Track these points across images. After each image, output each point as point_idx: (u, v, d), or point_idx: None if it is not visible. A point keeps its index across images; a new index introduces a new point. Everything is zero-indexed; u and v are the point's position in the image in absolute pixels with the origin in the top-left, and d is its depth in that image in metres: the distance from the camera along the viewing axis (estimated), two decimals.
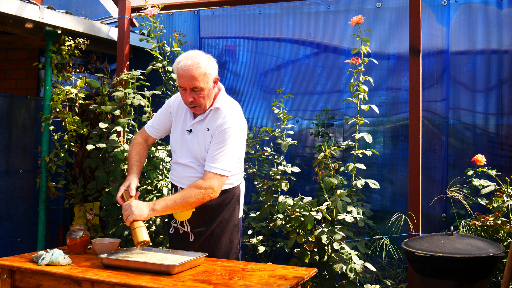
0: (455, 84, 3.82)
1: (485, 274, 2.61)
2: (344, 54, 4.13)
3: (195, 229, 2.56)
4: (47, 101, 3.93)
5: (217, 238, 2.56)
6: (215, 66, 2.51)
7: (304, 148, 4.21)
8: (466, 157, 3.72)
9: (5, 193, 4.15)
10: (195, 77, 2.40)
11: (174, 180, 2.66)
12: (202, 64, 2.42)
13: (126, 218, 2.36)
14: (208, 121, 2.53)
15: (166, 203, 2.40)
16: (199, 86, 2.42)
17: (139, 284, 1.98)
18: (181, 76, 2.43)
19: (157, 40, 3.81)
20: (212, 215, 2.55)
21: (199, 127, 2.55)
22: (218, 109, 2.53)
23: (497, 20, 3.74)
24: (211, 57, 2.52)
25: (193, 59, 2.42)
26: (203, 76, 2.42)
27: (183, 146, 2.59)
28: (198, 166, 2.54)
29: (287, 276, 2.12)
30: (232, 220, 2.61)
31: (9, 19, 3.66)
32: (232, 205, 2.61)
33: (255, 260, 3.68)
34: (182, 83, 2.44)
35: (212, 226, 2.55)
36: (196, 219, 2.55)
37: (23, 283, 2.29)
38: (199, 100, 2.46)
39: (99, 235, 3.76)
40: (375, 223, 3.55)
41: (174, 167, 2.66)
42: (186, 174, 2.58)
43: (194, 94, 2.44)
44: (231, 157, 2.48)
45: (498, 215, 2.96)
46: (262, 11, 4.42)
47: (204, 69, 2.42)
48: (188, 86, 2.43)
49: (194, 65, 2.41)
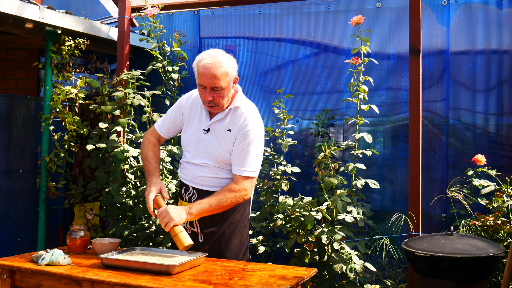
0: (455, 84, 3.82)
1: (485, 274, 2.61)
2: (344, 54, 4.13)
3: (205, 230, 2.55)
4: (47, 101, 3.93)
5: (228, 239, 2.55)
6: (235, 66, 2.49)
7: (304, 148, 4.21)
8: (466, 157, 3.72)
9: (5, 193, 4.15)
10: (216, 76, 2.38)
11: (185, 179, 2.63)
12: (224, 64, 2.40)
13: (166, 224, 2.33)
14: (229, 121, 2.51)
15: (202, 207, 2.41)
16: (220, 85, 2.39)
17: (139, 284, 1.98)
18: (202, 74, 2.40)
19: (157, 40, 3.81)
20: (224, 216, 2.54)
21: (218, 126, 2.52)
22: (237, 108, 2.52)
23: (497, 20, 3.74)
24: (232, 57, 2.50)
25: (215, 58, 2.40)
26: (225, 75, 2.40)
27: (199, 145, 2.55)
28: (214, 167, 2.53)
29: (287, 276, 2.12)
30: (243, 221, 2.60)
31: (9, 19, 3.66)
32: (243, 206, 2.60)
33: (255, 260, 3.68)
34: (203, 82, 2.41)
35: (223, 227, 2.55)
36: (207, 219, 2.53)
37: (23, 283, 2.29)
38: (218, 100, 2.44)
39: (99, 235, 3.76)
40: (375, 223, 3.54)
41: (187, 166, 2.62)
42: (199, 173, 2.56)
43: (214, 93, 2.42)
44: (257, 157, 2.51)
45: (498, 215, 2.96)
46: (262, 11, 4.42)
47: (225, 69, 2.40)
48: (209, 84, 2.40)
49: (217, 63, 2.38)
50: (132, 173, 3.58)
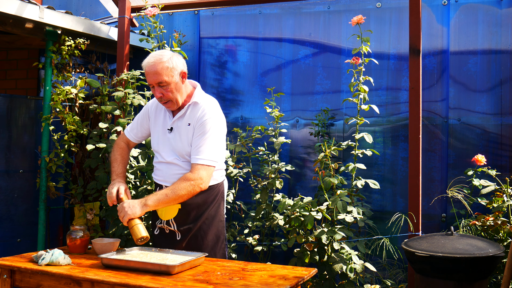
0: (455, 84, 3.82)
1: (485, 274, 2.61)
2: (344, 54, 4.13)
3: (181, 227, 2.60)
4: (47, 101, 3.93)
5: (204, 235, 2.59)
6: (181, 61, 2.59)
7: (304, 148, 4.21)
8: (466, 157, 3.72)
9: (5, 193, 4.15)
10: (158, 72, 2.50)
11: (159, 179, 2.69)
12: (164, 59, 2.52)
13: (122, 219, 2.44)
14: (188, 116, 2.60)
15: (158, 197, 2.46)
16: (164, 80, 2.50)
17: (139, 284, 1.98)
18: (147, 73, 2.54)
19: (157, 40, 3.81)
20: (198, 212, 2.59)
21: (180, 123, 2.61)
22: (196, 104, 2.60)
23: (497, 20, 3.74)
24: (177, 54, 2.62)
25: (156, 57, 2.54)
26: (166, 70, 2.51)
27: (165, 145, 2.64)
28: (182, 163, 2.59)
29: (287, 276, 2.12)
30: (218, 216, 2.65)
31: (9, 19, 3.66)
32: (217, 201, 2.65)
33: (254, 259, 3.68)
34: (149, 80, 2.54)
35: (198, 223, 2.59)
36: (182, 217, 2.58)
37: (23, 283, 2.29)
38: (167, 95, 2.54)
39: (99, 235, 3.76)
40: (375, 223, 3.54)
41: (158, 167, 2.70)
42: (171, 172, 2.61)
43: (161, 89, 2.53)
44: (215, 146, 2.55)
45: (498, 215, 2.96)
46: (262, 11, 4.41)
47: (166, 63, 2.51)
48: (154, 81, 2.52)
49: (157, 61, 2.51)
50: (132, 173, 3.58)
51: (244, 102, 4.40)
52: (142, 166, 3.53)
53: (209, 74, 4.53)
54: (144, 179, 3.55)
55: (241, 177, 3.79)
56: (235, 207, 3.86)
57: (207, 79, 4.54)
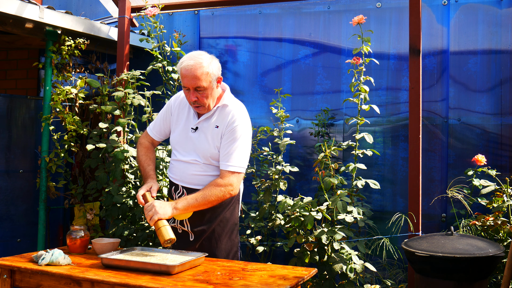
0: (455, 84, 3.82)
1: (485, 274, 2.61)
2: (344, 54, 4.13)
3: (195, 228, 2.57)
4: (47, 101, 3.93)
5: (218, 237, 2.57)
6: (218, 66, 2.54)
7: (304, 148, 4.21)
8: (466, 157, 3.72)
9: (5, 193, 4.15)
10: (197, 77, 2.44)
11: (175, 178, 2.65)
12: (205, 64, 2.45)
13: (150, 218, 2.38)
14: (216, 118, 2.56)
15: (188, 202, 2.44)
16: (202, 85, 2.45)
17: (139, 284, 1.98)
18: (184, 76, 2.46)
19: (157, 40, 3.81)
20: (213, 214, 2.56)
21: (206, 124, 2.56)
22: (225, 106, 2.56)
23: (497, 20, 3.74)
24: (214, 57, 2.55)
25: (195, 59, 2.46)
26: (206, 75, 2.45)
27: (187, 144, 2.59)
28: (203, 164, 2.55)
29: (287, 276, 2.12)
30: (233, 219, 2.62)
31: (9, 19, 3.66)
32: (232, 204, 2.62)
33: (255, 260, 3.68)
34: (186, 83, 2.47)
35: (213, 225, 2.56)
36: (196, 218, 2.55)
37: (23, 283, 2.29)
38: (202, 100, 2.49)
39: (99, 235, 3.76)
40: (375, 223, 3.54)
41: (175, 165, 2.65)
42: (188, 171, 2.58)
43: (197, 93, 2.47)
44: (244, 153, 2.53)
45: (498, 215, 2.96)
46: (262, 11, 4.42)
47: (206, 69, 2.45)
48: (191, 85, 2.46)
49: (197, 64, 2.44)
50: (132, 173, 3.58)
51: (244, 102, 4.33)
52: None
53: None
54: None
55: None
56: None
57: None
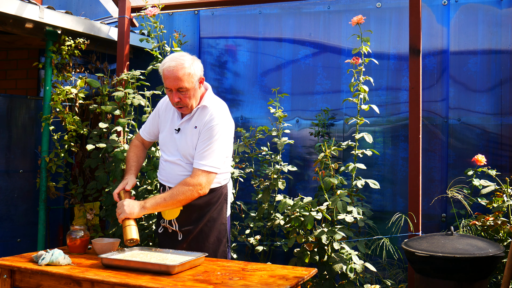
0: (455, 84, 3.82)
1: (485, 274, 2.61)
2: (344, 54, 4.13)
3: (183, 228, 2.60)
4: (47, 101, 3.93)
5: (205, 237, 2.60)
6: (200, 67, 2.57)
7: (304, 148, 4.21)
8: (466, 157, 3.72)
9: (5, 193, 4.15)
10: (179, 78, 2.47)
11: (162, 179, 2.70)
12: (186, 65, 2.49)
13: (118, 216, 2.48)
14: (195, 119, 2.59)
15: (156, 201, 2.49)
16: (184, 86, 2.48)
17: (139, 284, 1.98)
18: (167, 77, 2.50)
19: (157, 40, 3.81)
20: (200, 214, 2.59)
21: (187, 125, 2.61)
22: (205, 107, 2.59)
23: (497, 20, 3.74)
24: (196, 58, 2.59)
25: (177, 61, 2.49)
26: (188, 76, 2.48)
27: (171, 145, 2.64)
28: (186, 164, 2.59)
29: (287, 276, 2.12)
30: (220, 219, 2.65)
31: (9, 19, 3.66)
32: (219, 204, 2.65)
33: (254, 259, 3.68)
34: (168, 84, 2.51)
35: (200, 225, 2.59)
36: (184, 218, 2.59)
37: (23, 283, 2.29)
38: (185, 100, 2.52)
39: (99, 235, 3.76)
40: (375, 223, 3.54)
41: (163, 166, 2.71)
42: (174, 172, 2.62)
43: (180, 94, 2.51)
44: (219, 154, 2.54)
45: (498, 215, 2.96)
46: (262, 11, 4.41)
47: (188, 70, 2.48)
48: (174, 86, 2.49)
49: (178, 65, 2.47)
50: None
51: (244, 102, 4.40)
52: (142, 166, 3.52)
53: (209, 74, 4.53)
54: (144, 179, 3.54)
55: (241, 177, 3.79)
56: (235, 207, 3.86)
57: (207, 79, 4.52)
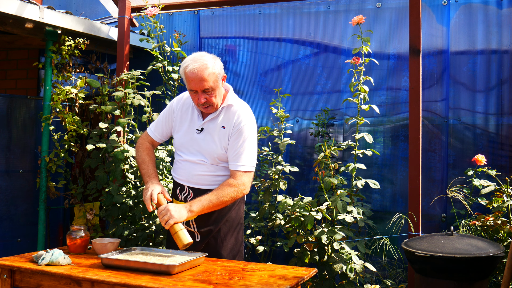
0: (455, 84, 3.82)
1: (485, 274, 2.61)
2: (344, 54, 4.13)
3: (202, 229, 2.57)
4: (47, 101, 3.93)
5: (224, 237, 2.58)
6: (220, 65, 2.55)
7: (304, 148, 4.21)
8: (466, 157, 3.72)
9: (5, 193, 4.15)
10: (204, 79, 2.43)
11: (180, 179, 2.64)
12: (210, 65, 2.46)
13: (166, 222, 2.35)
14: (222, 119, 2.56)
15: (202, 203, 2.44)
16: (210, 86, 2.45)
17: (139, 284, 1.98)
18: (191, 79, 2.45)
19: (157, 40, 3.81)
20: (220, 214, 2.57)
21: (212, 125, 2.57)
22: (230, 106, 2.57)
23: (497, 20, 3.74)
24: (215, 56, 2.55)
25: (200, 61, 2.45)
26: (212, 76, 2.45)
27: (193, 145, 2.59)
28: (210, 164, 2.56)
29: (287, 276, 2.12)
30: (238, 218, 2.64)
31: (9, 19, 3.66)
32: (238, 203, 2.64)
33: (255, 260, 3.68)
34: (193, 86, 2.46)
35: (219, 225, 2.58)
36: (203, 218, 2.55)
37: (23, 283, 2.29)
38: (211, 100, 2.49)
39: (99, 235, 3.76)
40: (375, 223, 3.54)
41: (181, 166, 2.64)
42: (195, 172, 2.58)
43: (206, 95, 2.48)
44: (252, 152, 2.56)
45: (498, 215, 2.96)
46: (262, 11, 4.41)
47: (212, 69, 2.46)
48: (199, 88, 2.45)
49: (202, 66, 2.44)
50: (132, 173, 3.58)
51: None
52: None
53: None
54: None
55: None
56: None
57: None
